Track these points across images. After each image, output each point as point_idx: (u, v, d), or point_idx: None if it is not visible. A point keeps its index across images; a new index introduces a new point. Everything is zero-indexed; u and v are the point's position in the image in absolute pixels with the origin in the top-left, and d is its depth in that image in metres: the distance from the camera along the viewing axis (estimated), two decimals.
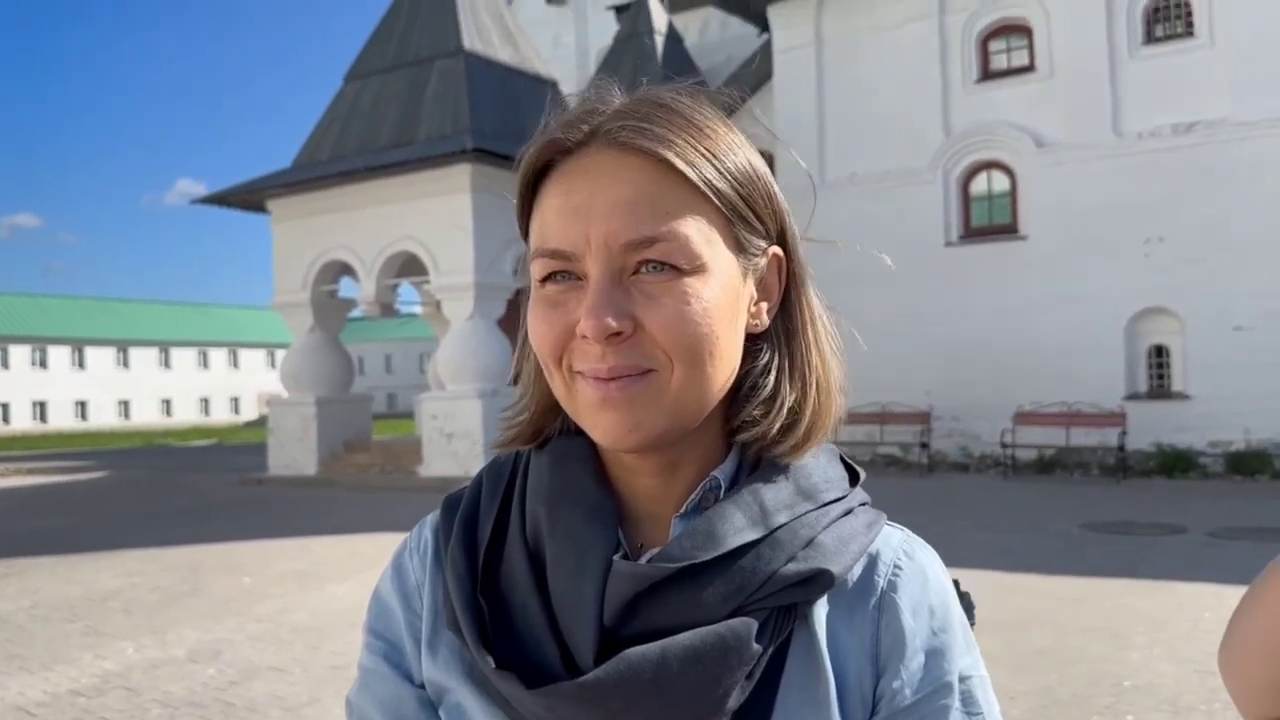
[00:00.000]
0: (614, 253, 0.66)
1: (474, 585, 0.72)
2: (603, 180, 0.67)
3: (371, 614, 0.80)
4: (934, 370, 16.67)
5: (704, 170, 0.67)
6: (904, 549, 0.76)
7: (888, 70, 17.55)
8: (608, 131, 0.68)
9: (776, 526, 0.69)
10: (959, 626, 0.74)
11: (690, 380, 0.67)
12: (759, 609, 0.67)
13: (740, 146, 0.72)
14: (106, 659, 6.27)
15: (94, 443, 41.29)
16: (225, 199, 19.37)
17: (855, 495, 0.76)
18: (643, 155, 0.67)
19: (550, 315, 0.68)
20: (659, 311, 0.66)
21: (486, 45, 18.48)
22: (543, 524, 0.72)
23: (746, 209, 0.70)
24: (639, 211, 0.66)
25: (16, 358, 58.04)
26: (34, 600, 8.17)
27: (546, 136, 0.70)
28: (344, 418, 18.98)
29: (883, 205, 17.37)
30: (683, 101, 0.71)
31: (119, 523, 13.30)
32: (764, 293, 0.74)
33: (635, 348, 0.66)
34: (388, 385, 69.61)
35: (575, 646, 0.67)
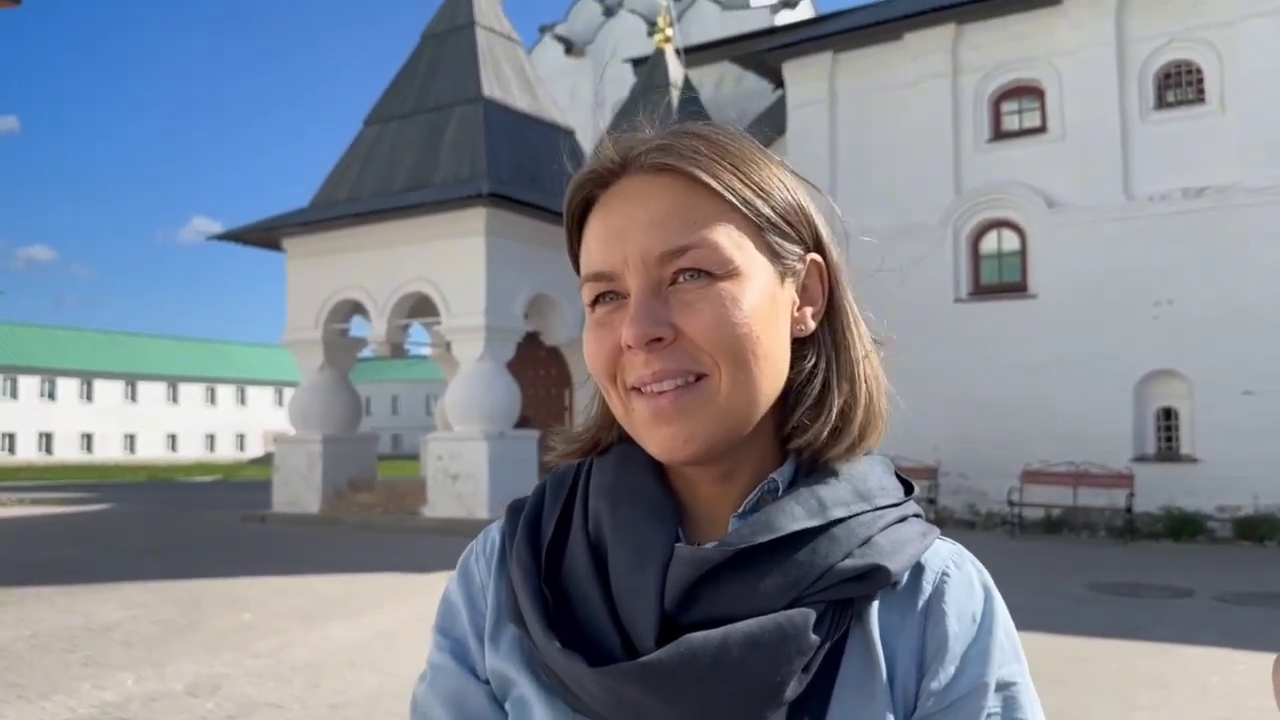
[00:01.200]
0: (650, 266, 0.70)
1: (539, 576, 0.74)
2: (636, 202, 0.71)
3: (440, 614, 0.83)
4: (942, 426, 16.63)
5: (730, 182, 0.72)
6: (953, 559, 0.78)
7: (900, 128, 17.74)
8: (639, 158, 0.73)
9: (834, 520, 0.72)
10: (1004, 635, 0.76)
11: (738, 382, 0.70)
12: (817, 601, 0.69)
13: (768, 163, 0.76)
14: (105, 690, 6.24)
15: (99, 475, 41.28)
16: (242, 236, 19.55)
17: (909, 505, 0.79)
18: (671, 174, 0.72)
19: (600, 335, 0.73)
20: (697, 316, 0.69)
21: (506, 93, 18.75)
22: (605, 520, 0.75)
23: (777, 217, 0.74)
24: (670, 224, 0.70)
25: (25, 388, 58.24)
26: (34, 630, 8.14)
27: (584, 171, 0.76)
28: (349, 457, 18.98)
29: (893, 260, 17.42)
30: (711, 128, 0.76)
31: (121, 555, 13.27)
32: (807, 298, 0.77)
33: (678, 352, 0.69)
34: (394, 426, 69.59)
35: (635, 632, 0.69)
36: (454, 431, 16.87)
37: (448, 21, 19.70)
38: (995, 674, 0.73)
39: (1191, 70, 15.55)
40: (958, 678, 0.72)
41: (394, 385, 72.04)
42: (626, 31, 30.00)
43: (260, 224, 19.05)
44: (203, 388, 67.96)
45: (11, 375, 57.16)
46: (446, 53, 19.19)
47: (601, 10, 31.60)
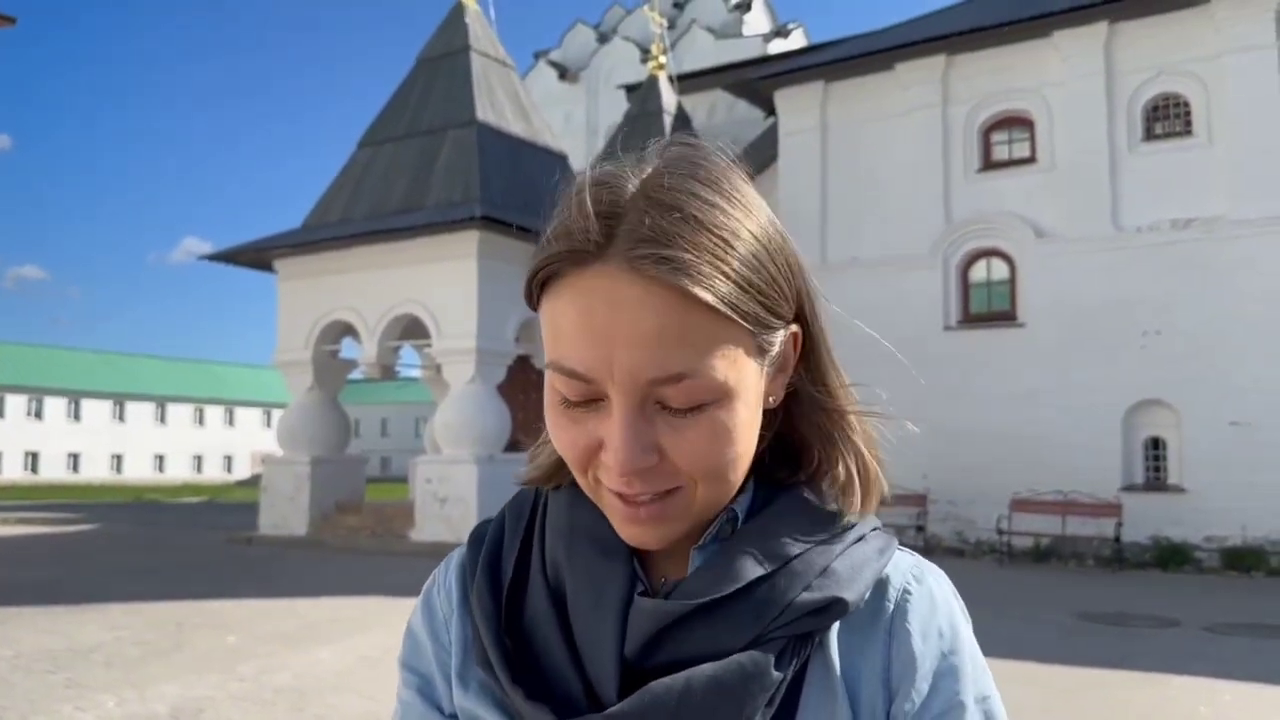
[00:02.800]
0: (639, 386, 0.65)
1: (499, 625, 0.74)
2: (625, 309, 0.64)
3: (405, 649, 0.82)
4: (931, 454, 16.64)
5: (728, 293, 0.65)
6: (913, 573, 0.77)
7: (891, 157, 17.86)
8: (627, 251, 0.64)
9: (791, 557, 0.71)
10: (969, 648, 0.76)
11: (713, 492, 0.69)
12: (777, 638, 0.68)
13: (764, 245, 0.69)
14: (86, 712, 6.17)
15: (85, 495, 41.00)
16: (234, 257, 19.55)
17: (867, 521, 0.78)
18: (665, 285, 0.63)
19: (573, 430, 0.68)
20: (685, 443, 0.66)
21: (499, 118, 18.83)
22: (562, 562, 0.74)
23: (768, 315, 0.69)
24: (665, 347, 0.64)
25: (12, 407, 57.96)
26: (16, 650, 8.06)
27: (559, 248, 0.66)
28: (337, 479, 18.90)
29: (883, 289, 17.53)
30: (701, 197, 0.66)
31: (106, 576, 13.16)
32: (780, 366, 0.74)
33: (660, 476, 0.67)
34: (383, 448, 69.34)
35: (597, 680, 0.69)
36: (443, 454, 16.83)
37: (443, 46, 19.81)
38: (969, 690, 0.73)
39: (1180, 103, 15.71)
40: (932, 697, 0.72)
41: (384, 407, 71.86)
42: (620, 58, 30.23)
43: (252, 244, 19.05)
44: (191, 408, 67.70)
45: None
46: (441, 77, 19.30)
47: (595, 37, 31.85)
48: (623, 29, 31.46)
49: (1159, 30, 15.75)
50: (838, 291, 14.82)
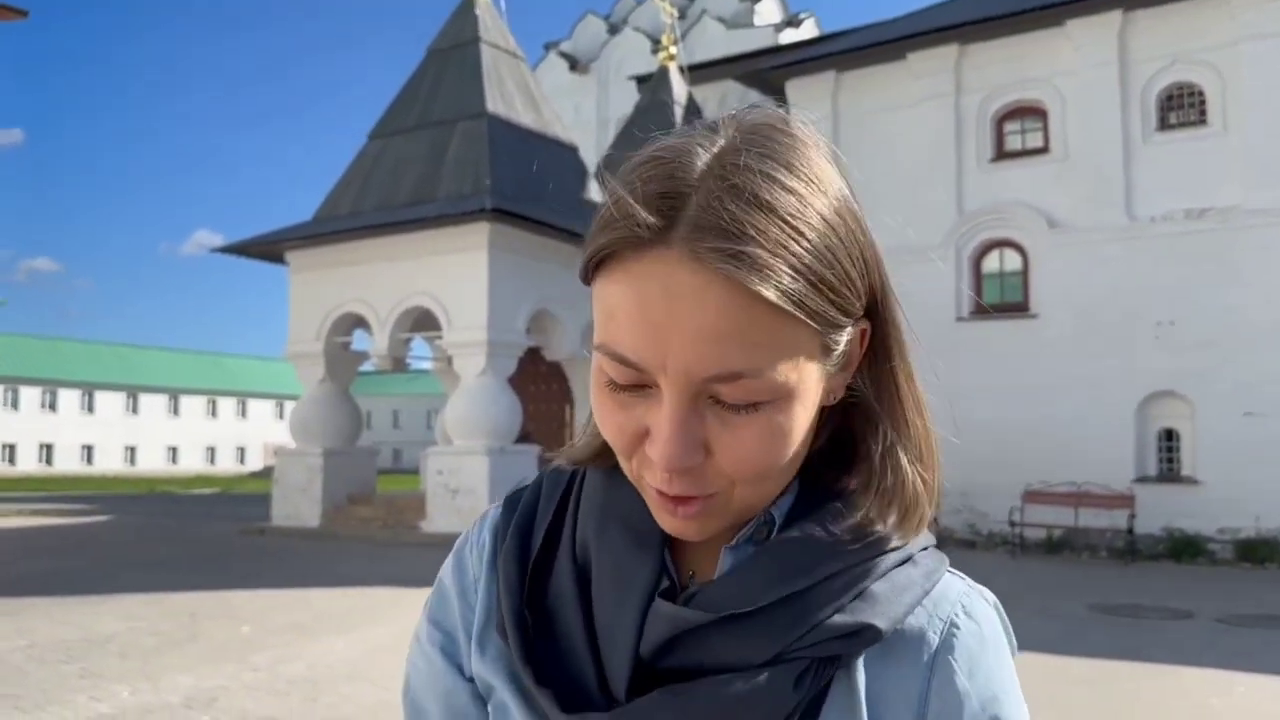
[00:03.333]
0: (694, 381, 0.61)
1: (521, 598, 0.72)
2: (683, 300, 0.59)
3: (433, 602, 0.81)
4: (942, 445, 16.59)
5: (794, 289, 0.60)
6: (963, 603, 0.72)
7: (902, 147, 17.79)
8: (691, 239, 0.59)
9: (827, 574, 0.67)
10: (1014, 689, 0.71)
11: (756, 493, 0.66)
12: (800, 658, 0.65)
13: (837, 235, 0.63)
14: (101, 702, 6.22)
15: (99, 487, 41.24)
16: (245, 249, 19.60)
17: (918, 540, 0.72)
18: (729, 280, 0.59)
19: (620, 415, 0.65)
20: (734, 444, 0.63)
21: (510, 109, 18.82)
22: (591, 543, 0.72)
23: (838, 313, 0.63)
24: (725, 345, 0.59)
25: (26, 399, 58.29)
26: (31, 640, 8.12)
27: (617, 233, 0.61)
28: (349, 470, 18.96)
29: (894, 279, 17.33)
30: (776, 180, 0.61)
31: (120, 567, 13.23)
32: (842, 364, 0.68)
33: (703, 479, 0.64)
34: (394, 440, 69.56)
35: (611, 672, 0.67)
36: (454, 446, 16.87)
37: (453, 37, 19.80)
38: None
39: (1194, 92, 15.61)
40: None
41: (395, 399, 72.05)
42: (631, 49, 30.14)
43: (263, 237, 19.10)
44: (204, 400, 67.99)
45: (13, 386, 57.23)
46: (451, 68, 19.28)
47: (606, 28, 31.77)
48: (633, 20, 31.37)
49: (1173, 18, 15.63)
50: None
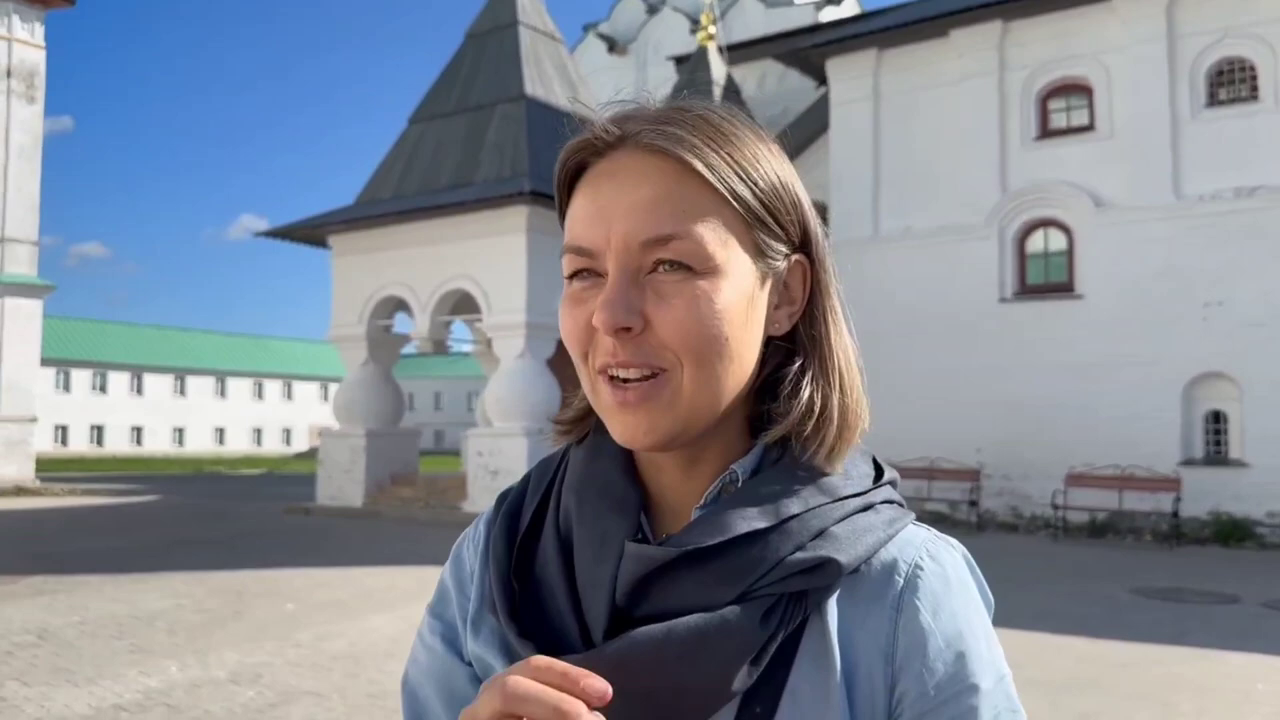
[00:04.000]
0: (631, 251, 0.69)
1: (509, 568, 0.76)
2: (626, 182, 0.70)
3: (435, 597, 0.86)
4: (984, 427, 16.48)
5: (725, 174, 0.69)
6: (927, 548, 0.75)
7: (945, 126, 17.58)
8: (636, 135, 0.70)
9: (788, 517, 0.70)
10: (983, 628, 0.74)
11: (701, 380, 0.69)
12: (766, 595, 0.68)
13: (767, 155, 0.73)
14: (150, 676, 6.37)
15: (148, 468, 42.04)
16: (289, 233, 19.83)
17: (879, 493, 0.76)
18: (666, 157, 0.69)
19: (574, 311, 0.72)
20: (669, 311, 0.68)
21: (548, 92, 18.84)
22: (573, 513, 0.76)
23: (767, 215, 0.72)
24: (658, 211, 0.68)
25: (77, 381, 59.40)
26: (83, 617, 8.33)
27: (580, 138, 0.74)
28: (392, 451, 19.18)
29: (937, 260, 17.32)
30: (715, 112, 0.73)
31: (168, 546, 13.51)
32: (786, 297, 0.76)
33: (644, 345, 0.69)
34: (436, 422, 70.13)
35: (591, 624, 0.70)
36: (494, 427, 16.99)
37: (491, 21, 19.83)
38: (981, 673, 0.71)
39: (1245, 67, 15.25)
40: (942, 677, 0.70)
41: (437, 381, 72.59)
42: (669, 29, 30.01)
43: (306, 221, 19.30)
44: (250, 382, 68.89)
45: (64, 369, 58.33)
46: (490, 51, 19.32)
47: (645, 8, 31.63)
48: (672, 0, 31.21)
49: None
50: (891, 263, 14.64)
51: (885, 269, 17.74)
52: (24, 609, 8.63)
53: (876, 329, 17.79)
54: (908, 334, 17.30)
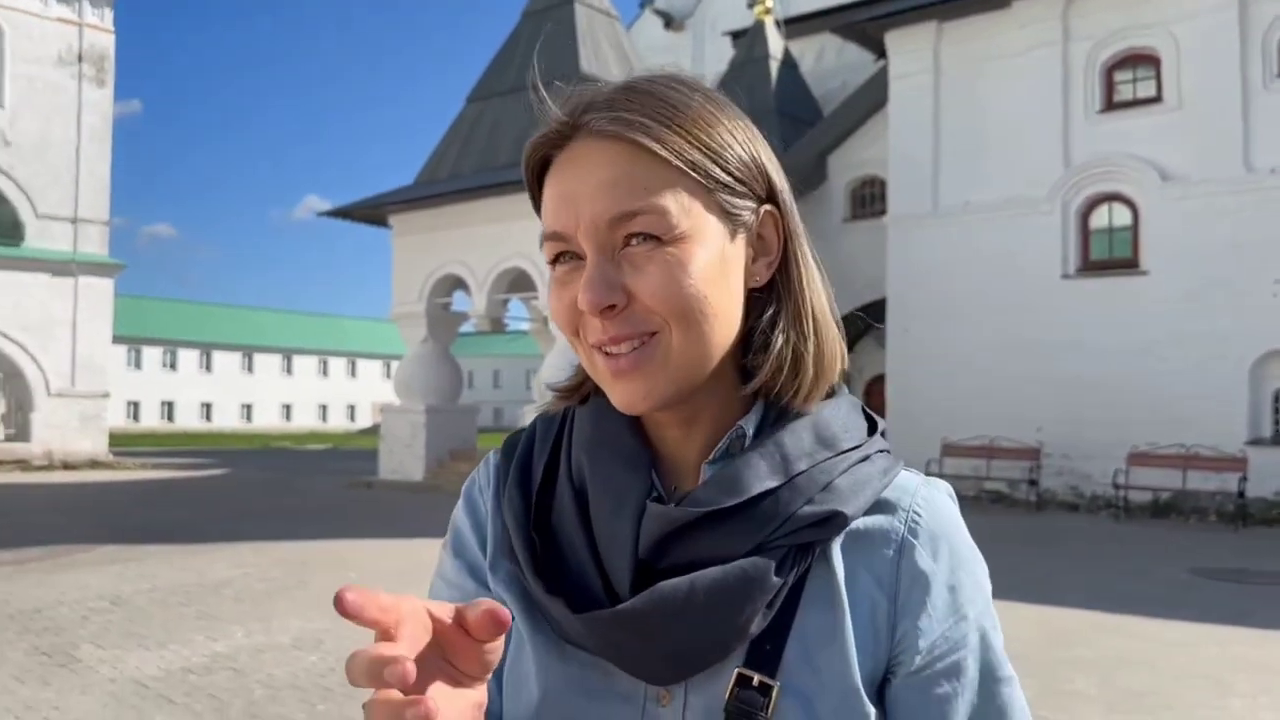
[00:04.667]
0: (601, 229, 0.73)
1: (528, 524, 0.81)
2: (587, 167, 0.74)
3: (451, 538, 0.90)
4: (1045, 406, 16.25)
5: (677, 146, 0.73)
6: (922, 494, 0.80)
7: (1007, 99, 17.26)
8: (588, 124, 0.74)
9: (796, 474, 0.75)
10: (975, 564, 0.80)
11: (688, 339, 0.74)
12: (778, 547, 0.74)
13: (721, 120, 0.76)
14: (216, 641, 6.61)
15: (217, 443, 43.13)
16: (350, 213, 20.16)
17: (873, 443, 0.81)
18: (619, 141, 0.73)
19: (561, 294, 0.76)
20: (646, 280, 0.72)
21: (604, 69, 18.85)
22: (586, 470, 0.80)
23: (727, 177, 0.75)
24: (618, 190, 0.72)
25: (148, 359, 61.00)
26: (153, 584, 8.64)
27: (538, 134, 0.78)
28: (451, 427, 19.47)
29: (998, 235, 17.06)
30: (659, 84, 0.76)
31: (235, 518, 13.91)
32: (762, 249, 0.79)
33: (631, 316, 0.73)
34: (495, 400, 70.82)
35: (614, 577, 0.75)
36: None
37: None
38: (971, 601, 0.78)
39: None
40: (941, 609, 0.77)
41: (496, 360, 73.25)
42: (726, 4, 29.76)
43: (367, 201, 19.60)
44: (316, 360, 70.15)
45: (136, 346, 59.91)
46: (546, 30, 19.38)
47: None
48: None
49: None
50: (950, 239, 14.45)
51: (944, 245, 17.54)
52: (98, 576, 8.98)
53: (934, 306, 17.61)
54: (966, 311, 17.10)
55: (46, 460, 23.17)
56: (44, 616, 7.28)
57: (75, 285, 24.28)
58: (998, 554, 8.43)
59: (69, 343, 24.06)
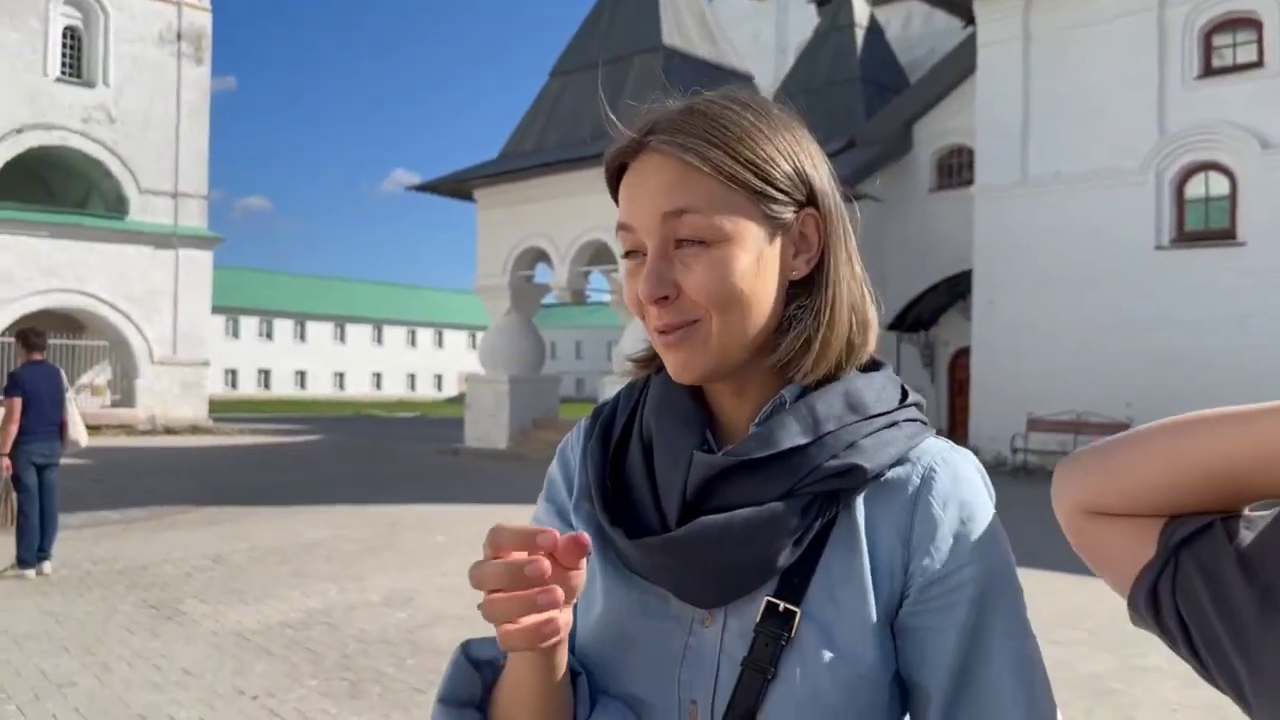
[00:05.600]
0: (657, 226, 0.86)
1: (604, 471, 0.97)
2: (650, 173, 0.87)
3: (545, 487, 1.07)
4: (1136, 380, 15.90)
5: (722, 162, 0.85)
6: (942, 455, 0.90)
7: (1099, 66, 16.81)
8: (653, 141, 0.88)
9: (825, 433, 0.87)
10: (986, 521, 0.88)
11: (726, 326, 0.88)
12: (805, 494, 0.86)
13: (763, 134, 0.88)
14: (311, 598, 6.95)
15: (311, 410, 44.42)
16: (436, 187, 20.54)
17: (902, 412, 0.92)
18: (674, 158, 0.86)
19: (630, 284, 0.90)
20: (693, 277, 0.85)
21: (685, 41, 18.83)
22: (653, 429, 0.96)
23: (768, 187, 0.87)
24: (672, 189, 0.86)
25: (245, 328, 63.00)
26: (251, 544, 9.08)
27: (615, 146, 0.92)
28: (534, 397, 19.81)
29: (1088, 206, 16.68)
30: (715, 105, 0.89)
31: (328, 482, 14.42)
32: (803, 245, 0.91)
33: (679, 308, 0.86)
34: (577, 370, 71.48)
35: (667, 514, 0.90)
36: None
37: None
38: (978, 554, 0.86)
39: None
40: (946, 553, 0.86)
41: (578, 331, 73.86)
42: None
43: (453, 176, 19.96)
44: (405, 330, 71.63)
45: (234, 316, 61.88)
46: (628, 3, 19.40)
47: None
48: None
49: None
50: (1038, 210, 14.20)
51: (1033, 216, 17.20)
52: (199, 536, 9.47)
53: (1022, 278, 17.31)
54: (1055, 283, 16.78)
55: (150, 425, 24.22)
56: (150, 573, 7.73)
57: (176, 257, 25.21)
58: None
59: (170, 313, 25.03)
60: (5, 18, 22.93)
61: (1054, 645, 5.96)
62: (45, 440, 7.38)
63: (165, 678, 5.06)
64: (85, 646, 5.60)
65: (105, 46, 24.35)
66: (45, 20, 23.58)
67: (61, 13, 23.93)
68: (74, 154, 24.22)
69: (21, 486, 7.23)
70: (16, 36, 23.13)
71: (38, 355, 7.50)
